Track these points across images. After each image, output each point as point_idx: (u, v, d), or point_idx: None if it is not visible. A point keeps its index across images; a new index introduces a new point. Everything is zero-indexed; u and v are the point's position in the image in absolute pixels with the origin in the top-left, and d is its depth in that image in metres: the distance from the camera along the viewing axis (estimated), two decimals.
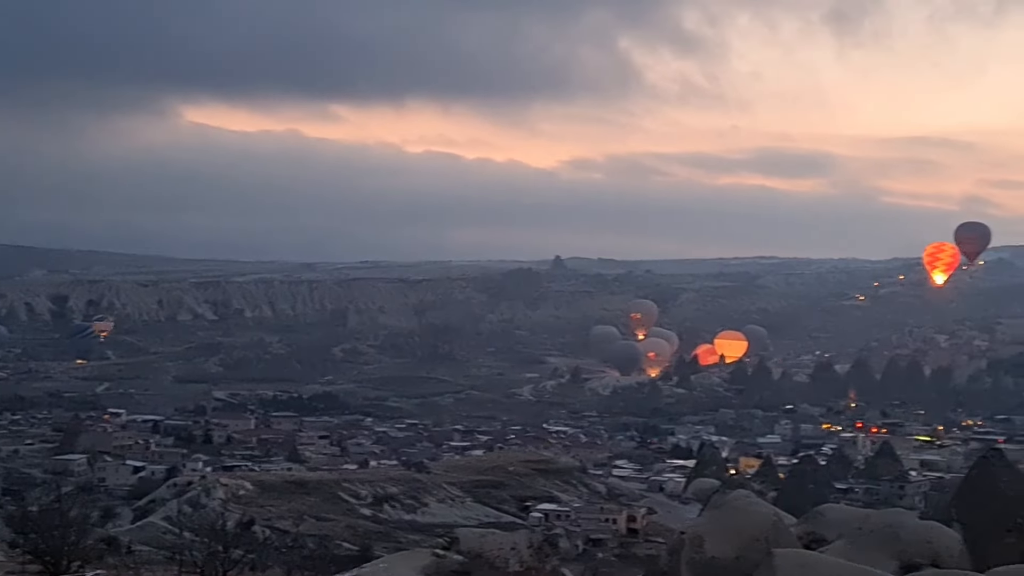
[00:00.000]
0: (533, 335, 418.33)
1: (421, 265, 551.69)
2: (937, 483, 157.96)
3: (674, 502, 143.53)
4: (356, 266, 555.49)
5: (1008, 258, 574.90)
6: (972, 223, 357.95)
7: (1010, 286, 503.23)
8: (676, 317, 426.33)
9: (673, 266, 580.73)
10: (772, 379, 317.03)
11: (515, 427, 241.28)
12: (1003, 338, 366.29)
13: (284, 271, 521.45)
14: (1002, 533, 32.31)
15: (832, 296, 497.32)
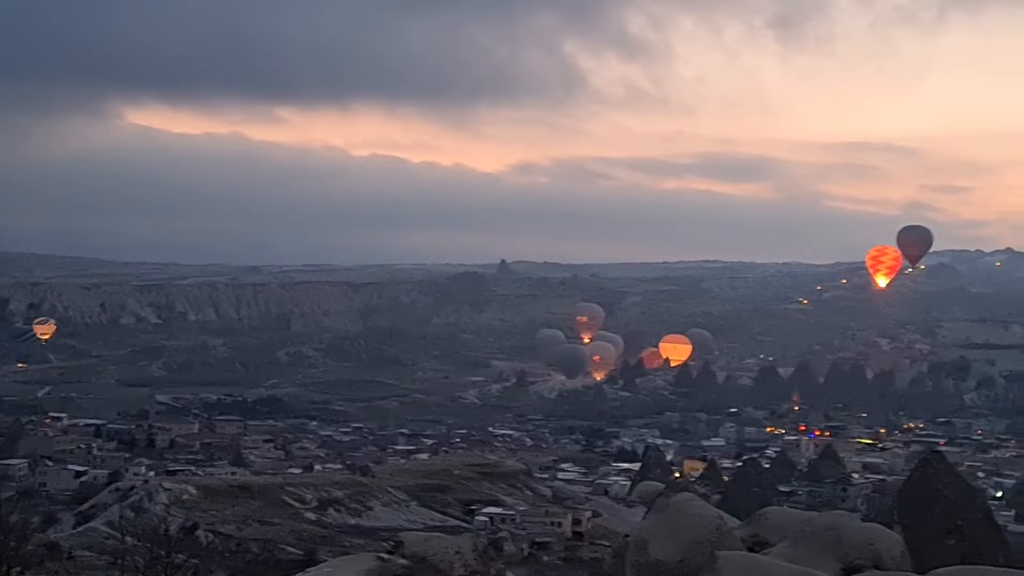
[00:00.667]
0: (478, 338, 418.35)
1: (366, 268, 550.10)
2: (879, 485, 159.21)
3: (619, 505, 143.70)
4: (301, 269, 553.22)
5: (949, 262, 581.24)
6: (914, 227, 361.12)
7: (951, 290, 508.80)
8: (621, 320, 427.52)
9: (618, 270, 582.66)
10: (716, 382, 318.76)
11: (460, 431, 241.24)
12: (944, 341, 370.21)
13: (228, 274, 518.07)
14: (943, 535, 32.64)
15: (776, 300, 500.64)
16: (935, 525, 33.12)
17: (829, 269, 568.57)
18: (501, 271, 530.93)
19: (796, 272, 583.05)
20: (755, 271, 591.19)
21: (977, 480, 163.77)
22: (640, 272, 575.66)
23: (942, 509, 33.60)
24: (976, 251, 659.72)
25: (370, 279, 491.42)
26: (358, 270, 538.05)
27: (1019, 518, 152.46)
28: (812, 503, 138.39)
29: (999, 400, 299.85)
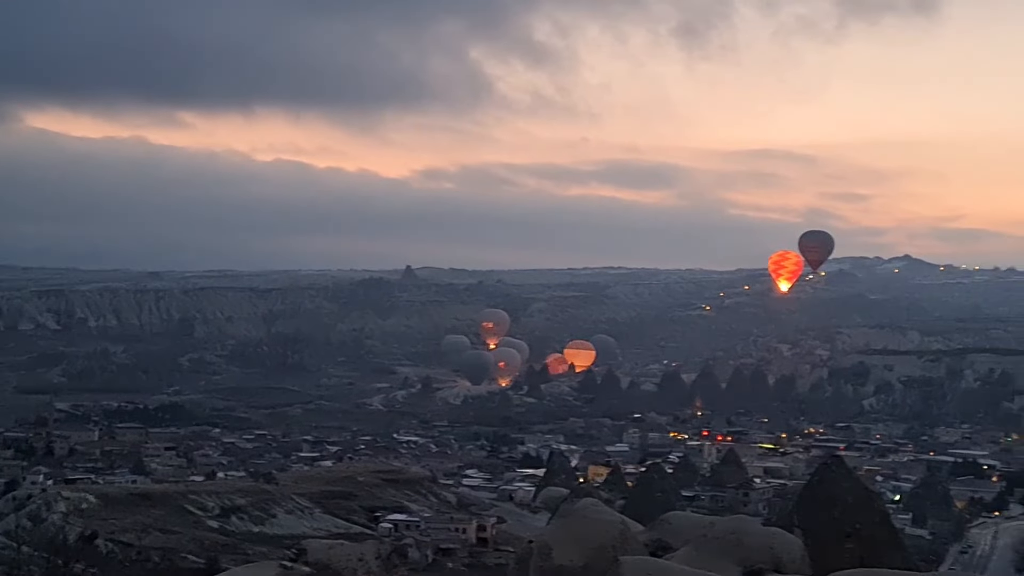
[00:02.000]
0: (384, 345, 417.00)
1: (270, 274, 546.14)
2: (780, 490, 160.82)
3: (524, 511, 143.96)
4: (203, 275, 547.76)
5: (848, 269, 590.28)
6: (816, 232, 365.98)
7: (850, 297, 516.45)
8: (527, 326, 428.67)
9: (524, 276, 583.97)
10: (620, 388, 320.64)
11: (365, 437, 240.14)
12: (843, 347, 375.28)
13: (129, 280, 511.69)
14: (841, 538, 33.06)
15: (679, 306, 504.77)
16: (834, 528, 33.51)
17: (732, 276, 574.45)
18: (406, 277, 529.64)
19: (699, 279, 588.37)
20: (659, 278, 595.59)
21: (875, 484, 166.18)
22: (545, 278, 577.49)
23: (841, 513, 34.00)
24: (875, 258, 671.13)
25: (274, 285, 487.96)
26: (262, 276, 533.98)
27: (916, 521, 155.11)
28: (714, 508, 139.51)
29: (897, 405, 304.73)
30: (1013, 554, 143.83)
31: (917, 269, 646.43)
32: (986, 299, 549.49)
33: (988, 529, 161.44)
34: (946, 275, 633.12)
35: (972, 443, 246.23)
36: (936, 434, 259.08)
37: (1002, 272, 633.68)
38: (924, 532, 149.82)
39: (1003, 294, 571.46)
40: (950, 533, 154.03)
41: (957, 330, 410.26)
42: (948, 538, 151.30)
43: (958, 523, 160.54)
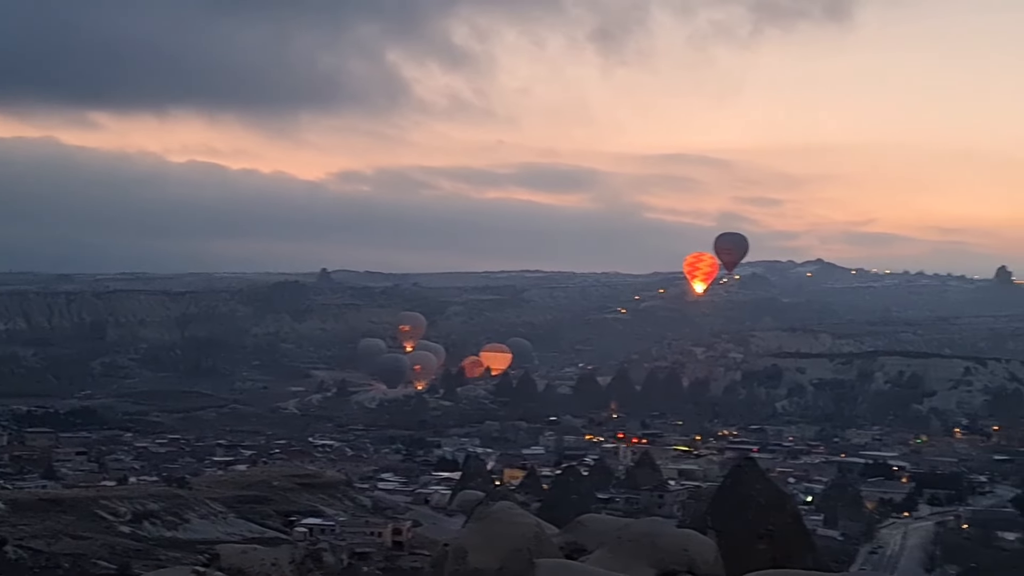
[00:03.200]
0: (299, 348, 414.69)
1: (184, 277, 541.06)
2: (695, 492, 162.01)
3: (439, 514, 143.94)
4: (116, 278, 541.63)
5: (762, 273, 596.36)
6: (731, 234, 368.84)
7: (763, 300, 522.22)
8: (443, 330, 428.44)
9: (440, 279, 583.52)
10: (536, 391, 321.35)
11: (280, 441, 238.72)
12: (757, 350, 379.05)
13: (39, 282, 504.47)
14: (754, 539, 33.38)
15: (595, 309, 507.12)
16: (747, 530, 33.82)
17: (647, 279, 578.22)
18: (322, 280, 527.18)
19: (615, 282, 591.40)
20: (575, 281, 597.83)
21: (788, 486, 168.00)
22: (462, 281, 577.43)
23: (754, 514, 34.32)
24: (788, 262, 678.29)
25: (188, 288, 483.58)
26: (175, 279, 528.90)
27: (828, 523, 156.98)
28: (629, 510, 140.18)
29: (809, 407, 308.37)
30: (921, 554, 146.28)
31: (829, 273, 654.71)
32: (896, 302, 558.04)
33: (898, 529, 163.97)
34: (857, 279, 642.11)
35: (882, 445, 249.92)
36: (847, 436, 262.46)
37: (912, 276, 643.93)
38: (835, 533, 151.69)
39: (912, 297, 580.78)
40: (861, 534, 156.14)
41: (868, 333, 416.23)
42: (859, 539, 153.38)
43: (868, 524, 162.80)
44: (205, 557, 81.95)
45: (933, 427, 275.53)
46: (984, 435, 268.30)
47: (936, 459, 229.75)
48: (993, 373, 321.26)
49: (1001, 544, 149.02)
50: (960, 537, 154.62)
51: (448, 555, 27.93)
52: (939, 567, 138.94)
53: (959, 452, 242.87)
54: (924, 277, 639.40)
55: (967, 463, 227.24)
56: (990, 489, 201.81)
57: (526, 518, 30.29)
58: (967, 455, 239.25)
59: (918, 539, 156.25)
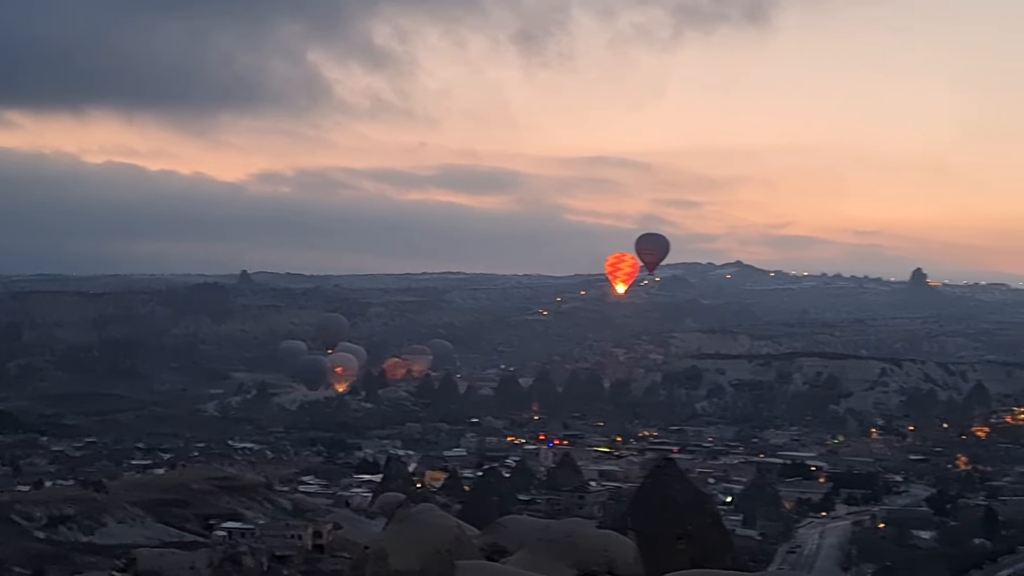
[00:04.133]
0: (219, 350, 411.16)
1: (101, 278, 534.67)
2: (615, 492, 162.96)
3: (360, 517, 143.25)
4: (32, 279, 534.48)
5: (682, 275, 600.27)
6: (651, 235, 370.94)
7: (683, 301, 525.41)
8: (364, 331, 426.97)
9: (362, 281, 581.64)
10: (458, 393, 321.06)
11: (199, 444, 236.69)
12: (676, 352, 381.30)
13: None
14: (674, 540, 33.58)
15: (517, 311, 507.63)
16: (667, 530, 34.01)
17: (568, 281, 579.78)
18: (242, 281, 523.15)
19: (536, 284, 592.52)
20: (496, 283, 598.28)
21: (707, 486, 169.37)
22: (383, 283, 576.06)
23: (673, 515, 34.53)
24: (707, 264, 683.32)
25: (105, 289, 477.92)
26: (92, 280, 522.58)
27: (746, 522, 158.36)
28: (551, 511, 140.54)
29: (728, 408, 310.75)
30: (838, 553, 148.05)
31: (748, 275, 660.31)
32: (814, 304, 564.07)
33: (815, 529, 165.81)
34: (776, 281, 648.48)
35: (800, 445, 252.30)
36: (766, 436, 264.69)
37: (829, 278, 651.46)
38: (754, 533, 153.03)
39: (830, 299, 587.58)
40: (779, 533, 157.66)
41: (786, 335, 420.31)
42: (777, 538, 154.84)
43: (787, 523, 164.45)
44: (122, 562, 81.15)
45: (850, 427, 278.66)
46: (900, 435, 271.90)
47: (853, 459, 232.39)
48: (908, 374, 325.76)
49: (916, 543, 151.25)
50: (876, 536, 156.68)
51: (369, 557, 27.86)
52: (856, 566, 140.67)
53: (875, 452, 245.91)
54: (841, 279, 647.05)
55: (883, 463, 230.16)
56: (905, 488, 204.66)
57: (447, 520, 30.30)
58: (883, 455, 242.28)
59: (835, 538, 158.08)
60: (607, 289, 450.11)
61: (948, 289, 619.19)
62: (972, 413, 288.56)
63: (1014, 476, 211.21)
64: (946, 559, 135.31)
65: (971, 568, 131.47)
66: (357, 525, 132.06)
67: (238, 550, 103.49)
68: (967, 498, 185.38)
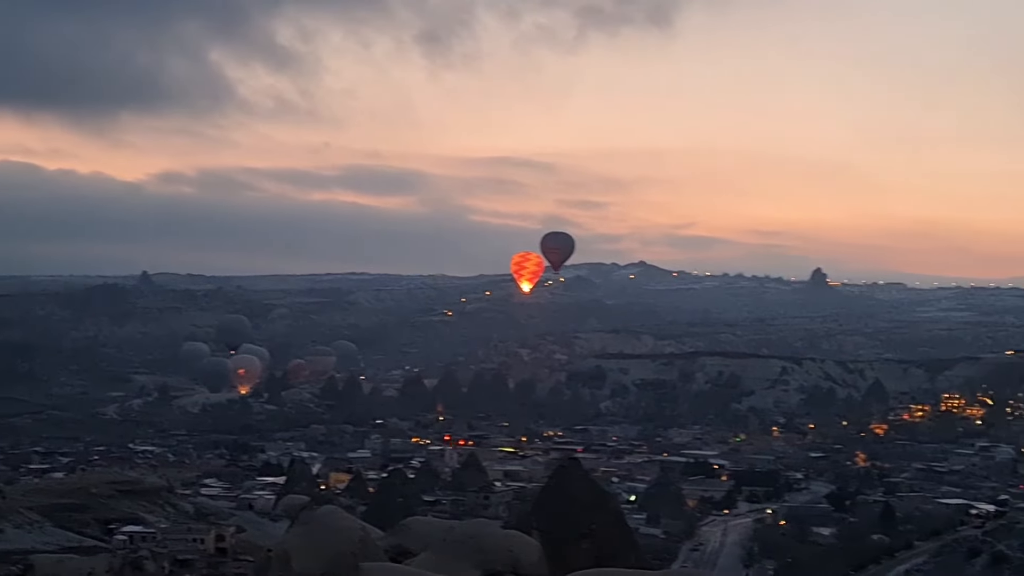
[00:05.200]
0: (119, 352, 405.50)
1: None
2: (520, 492, 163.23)
3: (264, 519, 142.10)
4: None
5: (586, 275, 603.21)
6: (557, 233, 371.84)
7: (587, 302, 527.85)
8: (267, 333, 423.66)
9: (265, 282, 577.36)
10: (362, 394, 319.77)
11: (99, 447, 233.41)
12: (581, 352, 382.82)
13: None
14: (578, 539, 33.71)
15: (421, 312, 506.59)
16: (571, 529, 34.10)
17: (473, 281, 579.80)
18: (143, 283, 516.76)
19: (441, 284, 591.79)
20: (401, 283, 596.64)
21: (611, 485, 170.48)
22: (287, 284, 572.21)
23: (577, 514, 34.64)
24: (611, 264, 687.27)
25: (2, 291, 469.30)
26: None
27: (650, 521, 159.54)
28: (455, 512, 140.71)
29: (632, 407, 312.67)
30: (740, 550, 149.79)
31: (651, 275, 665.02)
32: (716, 304, 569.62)
33: (718, 527, 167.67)
34: (679, 281, 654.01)
35: (703, 443, 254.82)
36: (669, 435, 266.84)
37: (731, 278, 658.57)
38: (658, 531, 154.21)
39: (731, 299, 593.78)
40: (682, 531, 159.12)
41: (689, 334, 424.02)
42: (680, 536, 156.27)
43: (690, 522, 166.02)
44: (19, 568, 79.82)
45: (751, 426, 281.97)
46: (800, 433, 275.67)
47: (754, 457, 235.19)
48: (808, 372, 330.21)
49: (816, 539, 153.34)
50: (777, 533, 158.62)
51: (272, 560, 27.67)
52: (757, 563, 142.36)
53: (776, 450, 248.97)
54: (743, 279, 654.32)
55: (784, 460, 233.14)
56: (806, 486, 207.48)
57: (351, 522, 30.19)
58: (784, 453, 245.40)
59: (737, 536, 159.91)
60: (512, 289, 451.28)
61: (847, 289, 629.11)
62: (870, 411, 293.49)
63: (911, 473, 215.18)
64: (845, 555, 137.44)
65: (869, 563, 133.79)
66: (260, 528, 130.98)
67: (139, 555, 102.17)
68: (866, 495, 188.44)
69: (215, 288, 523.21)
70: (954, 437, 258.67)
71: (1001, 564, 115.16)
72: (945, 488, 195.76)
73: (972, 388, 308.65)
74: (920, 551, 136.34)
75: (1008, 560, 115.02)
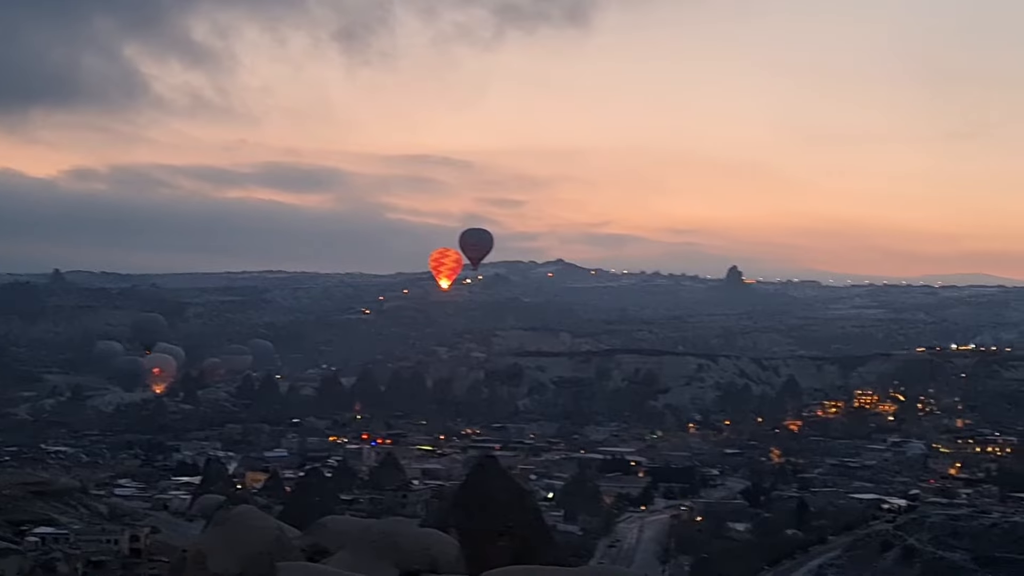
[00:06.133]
0: (31, 352, 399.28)
1: None
2: (438, 491, 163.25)
3: (179, 520, 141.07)
4: None
5: (504, 273, 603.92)
6: (475, 230, 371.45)
7: (505, 300, 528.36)
8: (183, 332, 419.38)
9: (180, 280, 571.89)
10: (279, 393, 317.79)
11: (10, 448, 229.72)
12: (499, 350, 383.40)
13: None
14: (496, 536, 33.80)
15: (339, 310, 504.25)
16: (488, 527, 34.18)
17: (391, 280, 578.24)
18: (55, 281, 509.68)
19: (359, 283, 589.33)
20: (318, 282, 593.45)
21: (529, 482, 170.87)
22: (202, 282, 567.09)
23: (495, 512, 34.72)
24: (529, 262, 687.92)
25: None
26: None
27: (568, 518, 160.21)
28: (373, 510, 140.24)
29: (550, 405, 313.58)
30: (657, 546, 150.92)
31: (569, 273, 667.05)
32: (633, 302, 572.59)
33: (635, 523, 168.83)
34: (596, 279, 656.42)
35: (620, 440, 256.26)
36: (586, 432, 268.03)
37: (647, 276, 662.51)
38: (575, 528, 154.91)
39: (648, 297, 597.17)
40: (599, 528, 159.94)
41: (606, 332, 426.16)
42: (597, 533, 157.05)
43: (607, 518, 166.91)
44: None
45: (668, 423, 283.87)
46: (716, 430, 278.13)
47: (671, 454, 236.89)
48: (724, 369, 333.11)
49: (731, 534, 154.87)
50: (693, 529, 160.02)
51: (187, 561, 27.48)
52: (673, 558, 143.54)
53: (692, 446, 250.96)
54: (660, 277, 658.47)
55: (700, 457, 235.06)
56: (721, 482, 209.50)
57: (267, 521, 30.05)
58: (700, 449, 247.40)
59: (654, 532, 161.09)
60: (430, 288, 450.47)
61: (762, 286, 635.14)
62: (785, 407, 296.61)
63: (825, 468, 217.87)
64: (760, 550, 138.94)
65: (784, 558, 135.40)
66: (176, 529, 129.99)
67: (51, 556, 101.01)
68: (780, 490, 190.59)
69: (129, 286, 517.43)
70: (866, 433, 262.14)
71: (912, 558, 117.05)
72: (858, 483, 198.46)
73: (884, 385, 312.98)
74: (833, 545, 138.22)
75: (919, 554, 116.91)
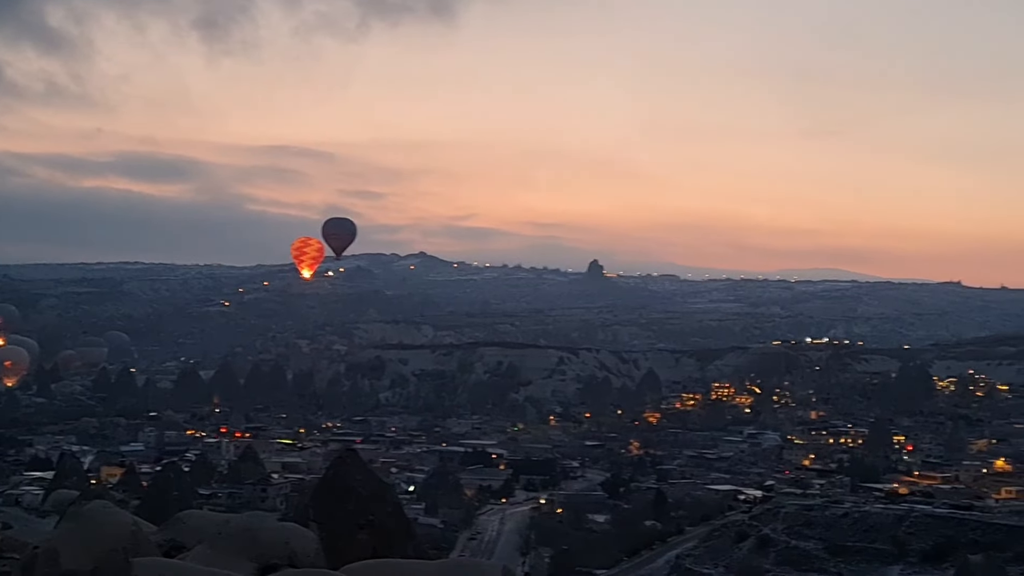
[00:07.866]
0: None
1: None
2: (298, 484, 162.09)
3: (32, 516, 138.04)
4: None
5: (366, 266, 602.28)
6: (338, 219, 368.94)
7: (367, 292, 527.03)
8: (36, 323, 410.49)
9: (33, 271, 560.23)
10: (136, 386, 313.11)
11: None
12: (360, 342, 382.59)
13: None
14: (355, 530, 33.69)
15: (198, 302, 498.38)
16: (348, 521, 34.04)
17: (251, 271, 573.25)
18: None
19: (218, 274, 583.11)
20: (176, 273, 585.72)
21: (390, 476, 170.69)
22: (57, 273, 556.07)
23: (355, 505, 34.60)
24: (391, 255, 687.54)
25: None
26: None
27: (429, 511, 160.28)
28: (232, 505, 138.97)
29: (412, 398, 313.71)
30: (517, 538, 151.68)
31: (431, 266, 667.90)
32: (495, 295, 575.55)
33: (496, 515, 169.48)
34: (458, 272, 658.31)
35: (482, 433, 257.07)
36: (448, 425, 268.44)
37: (510, 269, 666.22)
38: (436, 520, 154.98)
39: (510, 290, 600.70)
40: (460, 520, 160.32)
41: (468, 325, 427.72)
42: (458, 526, 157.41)
43: (468, 511, 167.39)
44: None
45: (529, 415, 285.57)
46: (576, 422, 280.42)
47: (532, 446, 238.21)
48: (584, 362, 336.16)
49: (591, 526, 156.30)
50: (554, 520, 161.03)
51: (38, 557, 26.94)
52: (534, 550, 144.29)
53: (553, 439, 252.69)
54: (522, 271, 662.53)
55: (560, 449, 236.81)
56: (582, 474, 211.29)
57: (122, 516, 29.55)
58: (560, 442, 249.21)
59: (514, 524, 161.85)
60: (291, 280, 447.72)
61: (622, 280, 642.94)
62: (644, 400, 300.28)
63: (683, 460, 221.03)
64: (619, 540, 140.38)
65: (642, 548, 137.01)
66: (28, 524, 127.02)
67: None
68: (639, 482, 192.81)
69: None
70: (723, 425, 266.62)
71: (767, 547, 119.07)
72: (715, 475, 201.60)
73: (741, 377, 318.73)
74: (691, 536, 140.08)
75: (773, 543, 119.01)
